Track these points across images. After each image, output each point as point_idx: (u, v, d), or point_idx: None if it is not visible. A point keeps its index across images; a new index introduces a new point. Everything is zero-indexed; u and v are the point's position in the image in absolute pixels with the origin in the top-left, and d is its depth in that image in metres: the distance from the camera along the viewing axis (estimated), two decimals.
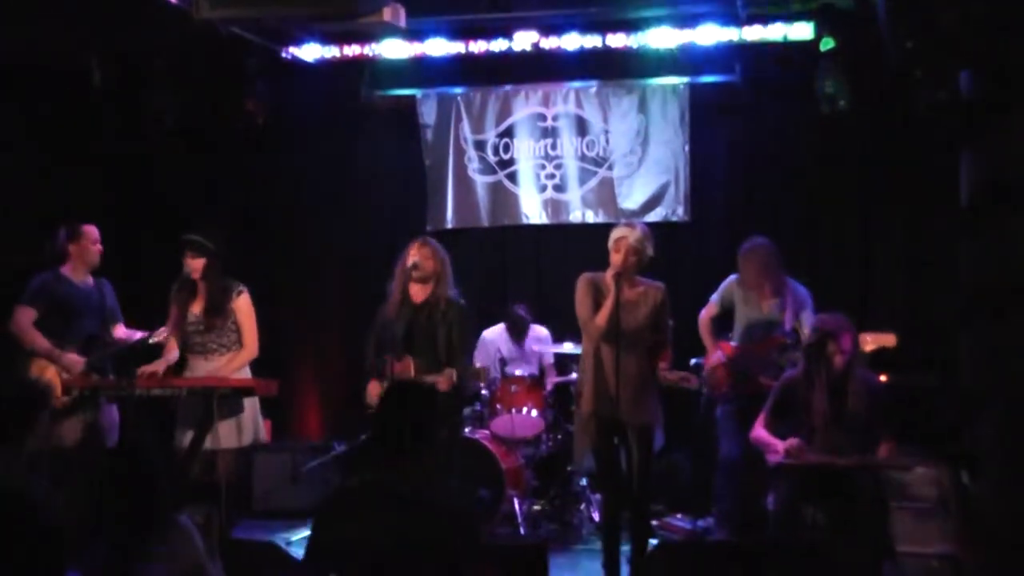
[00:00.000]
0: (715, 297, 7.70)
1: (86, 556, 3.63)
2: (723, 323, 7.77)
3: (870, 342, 6.82)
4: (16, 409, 3.97)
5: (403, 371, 6.55)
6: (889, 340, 6.88)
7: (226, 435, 6.55)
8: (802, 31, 8.44)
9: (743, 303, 7.55)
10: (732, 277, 7.66)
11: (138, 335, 7.11)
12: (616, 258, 6.27)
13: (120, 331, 7.34)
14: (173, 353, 6.90)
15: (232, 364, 6.78)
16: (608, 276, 6.27)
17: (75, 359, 6.97)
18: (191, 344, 6.82)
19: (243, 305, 6.88)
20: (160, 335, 6.85)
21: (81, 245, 7.23)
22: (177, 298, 6.84)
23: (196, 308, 6.82)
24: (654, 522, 7.49)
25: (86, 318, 7.19)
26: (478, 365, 7.61)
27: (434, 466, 3.93)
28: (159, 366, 6.78)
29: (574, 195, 9.56)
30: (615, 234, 6.37)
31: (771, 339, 7.34)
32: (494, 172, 9.68)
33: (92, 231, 7.30)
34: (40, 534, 3.54)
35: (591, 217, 9.44)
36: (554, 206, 9.61)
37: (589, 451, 6.49)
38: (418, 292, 6.72)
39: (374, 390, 6.73)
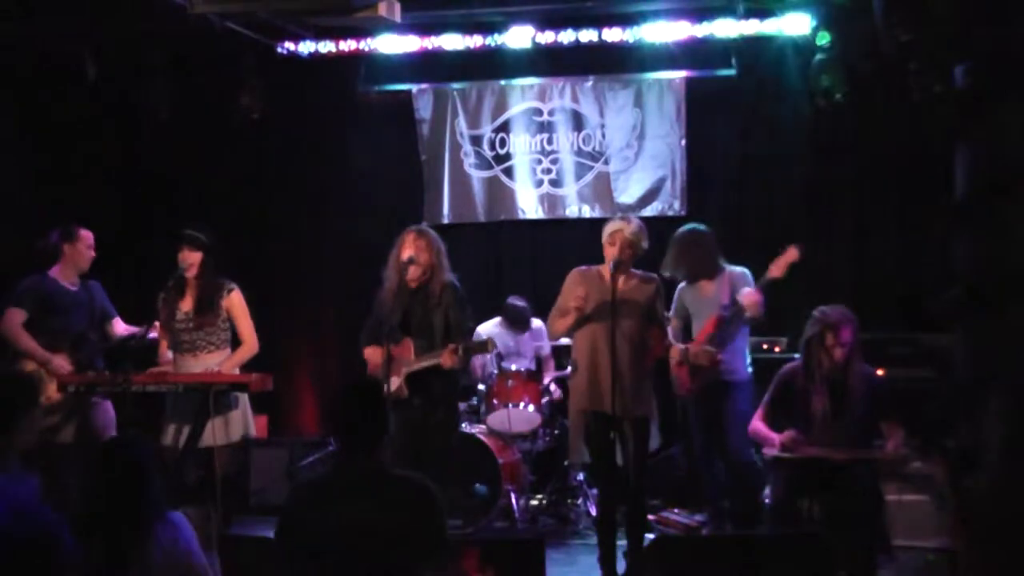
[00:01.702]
0: (671, 312, 7.36)
1: (80, 552, 3.63)
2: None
3: (778, 267, 6.75)
4: (5, 404, 3.95)
5: (402, 354, 6.53)
6: (792, 255, 6.82)
7: (218, 431, 6.53)
8: (798, 25, 8.45)
9: (691, 301, 7.34)
10: (680, 285, 7.50)
11: (134, 330, 7.10)
12: (612, 251, 6.26)
13: (118, 327, 7.33)
14: (168, 354, 6.88)
15: (234, 360, 6.76)
16: (604, 269, 6.27)
17: (62, 362, 6.98)
18: (180, 342, 6.77)
19: (236, 302, 6.83)
20: (155, 329, 6.85)
21: (75, 247, 7.23)
22: (166, 297, 6.80)
23: (185, 305, 6.78)
24: (651, 517, 7.48)
25: (74, 317, 7.19)
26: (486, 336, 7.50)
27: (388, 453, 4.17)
28: (164, 368, 6.78)
29: (570, 190, 9.55)
30: (610, 228, 6.36)
31: (709, 321, 7.18)
32: (490, 167, 9.68)
33: (88, 235, 7.29)
34: (32, 534, 3.54)
35: (587, 212, 9.43)
36: (550, 201, 9.61)
37: (584, 446, 6.47)
38: (414, 282, 6.69)
39: (373, 353, 6.69)
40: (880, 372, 6.61)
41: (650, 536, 6.74)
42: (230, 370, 6.68)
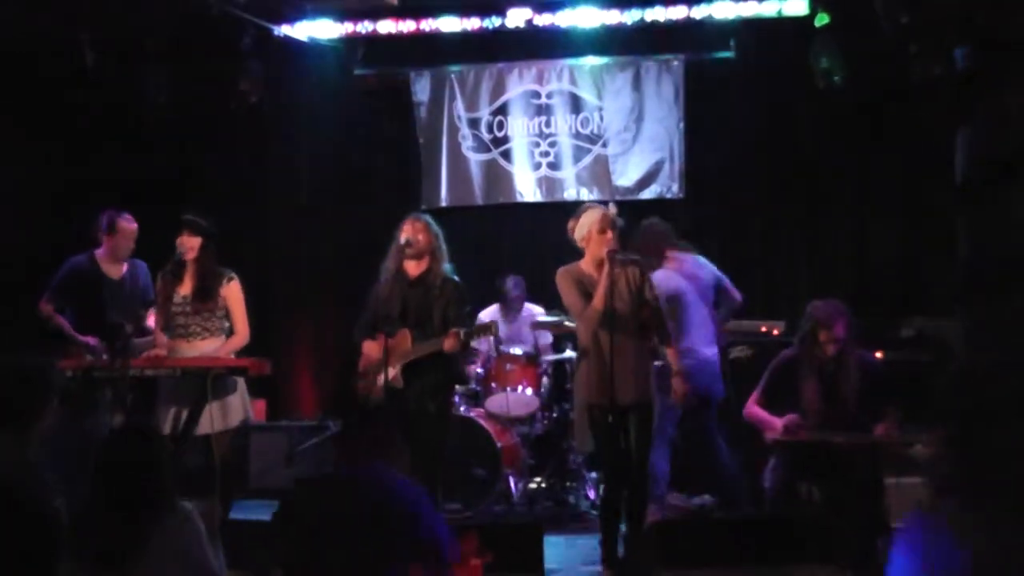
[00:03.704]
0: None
1: (87, 539, 3.62)
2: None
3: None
4: (19, 395, 3.93)
5: (399, 343, 6.50)
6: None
7: (216, 417, 6.50)
8: (797, 7, 8.44)
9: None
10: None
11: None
12: (606, 237, 6.21)
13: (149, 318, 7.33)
14: (163, 338, 6.85)
15: (224, 350, 6.73)
16: (594, 261, 6.25)
17: (96, 345, 7.06)
18: (174, 326, 6.74)
19: (234, 291, 6.80)
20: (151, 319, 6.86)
21: (114, 239, 7.35)
22: (165, 280, 6.78)
23: (183, 290, 6.73)
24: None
25: (109, 306, 7.27)
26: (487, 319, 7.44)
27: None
28: (159, 352, 6.76)
29: (568, 173, 9.53)
30: (591, 217, 6.27)
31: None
32: (488, 150, 9.66)
33: (128, 228, 7.37)
34: (36, 522, 3.53)
35: (586, 195, 9.39)
36: (548, 184, 9.59)
37: (591, 437, 6.43)
38: (413, 268, 6.64)
39: (371, 348, 6.61)
40: (879, 354, 6.60)
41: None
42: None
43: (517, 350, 8.33)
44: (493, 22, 9.03)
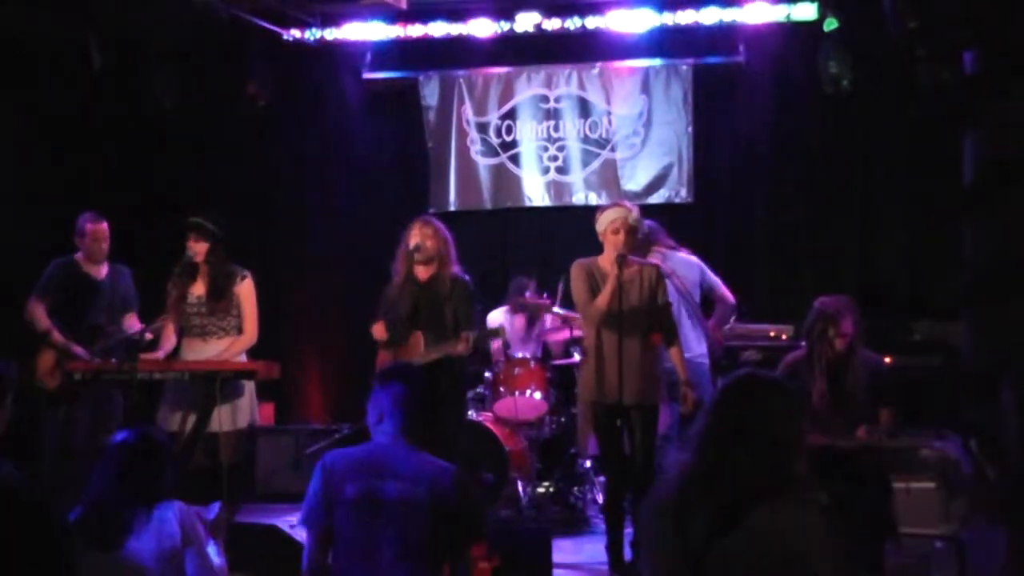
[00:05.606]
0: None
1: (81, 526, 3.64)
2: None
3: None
4: None
5: (412, 348, 6.51)
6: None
7: (224, 418, 6.51)
8: (805, 11, 8.44)
9: None
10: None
11: (138, 328, 7.08)
12: (617, 239, 6.23)
13: (131, 321, 7.35)
14: (171, 340, 6.85)
15: (232, 349, 6.74)
16: (610, 258, 6.25)
17: (81, 351, 7.08)
18: (189, 327, 6.76)
19: (246, 290, 6.82)
20: (156, 329, 6.86)
21: (84, 242, 7.39)
22: (177, 280, 6.79)
23: (197, 290, 6.76)
24: None
25: (91, 308, 7.31)
26: (496, 325, 7.45)
27: None
28: (159, 355, 6.76)
29: (577, 177, 9.54)
30: (609, 216, 6.31)
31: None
32: (497, 154, 9.66)
33: (94, 229, 7.38)
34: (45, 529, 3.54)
35: (594, 199, 9.38)
36: (557, 188, 9.59)
37: (593, 436, 6.44)
38: (422, 271, 6.66)
39: (379, 330, 6.68)
40: (888, 360, 6.58)
41: None
42: (231, 359, 6.67)
43: (525, 353, 8.33)
44: (502, 26, 9.04)
